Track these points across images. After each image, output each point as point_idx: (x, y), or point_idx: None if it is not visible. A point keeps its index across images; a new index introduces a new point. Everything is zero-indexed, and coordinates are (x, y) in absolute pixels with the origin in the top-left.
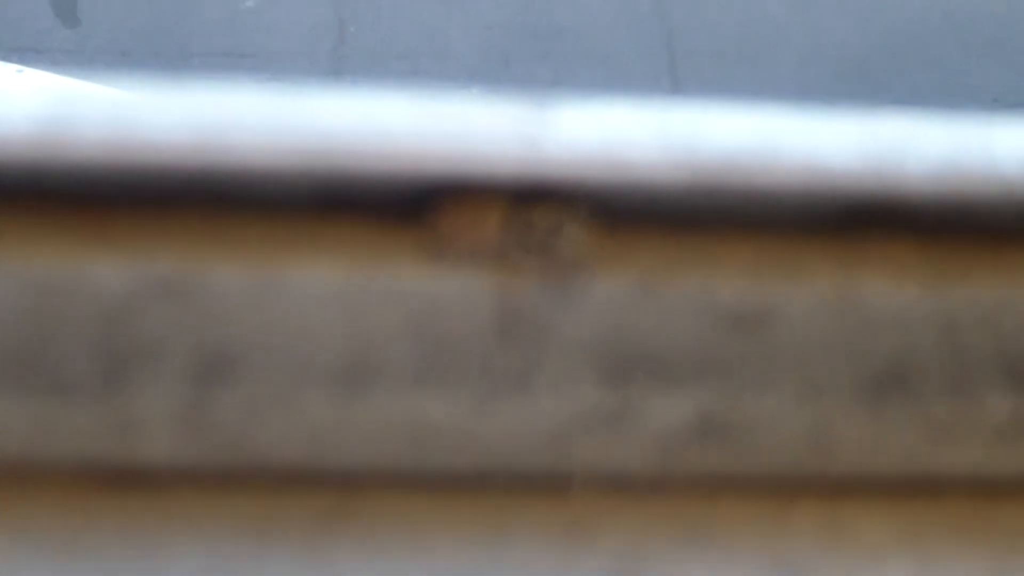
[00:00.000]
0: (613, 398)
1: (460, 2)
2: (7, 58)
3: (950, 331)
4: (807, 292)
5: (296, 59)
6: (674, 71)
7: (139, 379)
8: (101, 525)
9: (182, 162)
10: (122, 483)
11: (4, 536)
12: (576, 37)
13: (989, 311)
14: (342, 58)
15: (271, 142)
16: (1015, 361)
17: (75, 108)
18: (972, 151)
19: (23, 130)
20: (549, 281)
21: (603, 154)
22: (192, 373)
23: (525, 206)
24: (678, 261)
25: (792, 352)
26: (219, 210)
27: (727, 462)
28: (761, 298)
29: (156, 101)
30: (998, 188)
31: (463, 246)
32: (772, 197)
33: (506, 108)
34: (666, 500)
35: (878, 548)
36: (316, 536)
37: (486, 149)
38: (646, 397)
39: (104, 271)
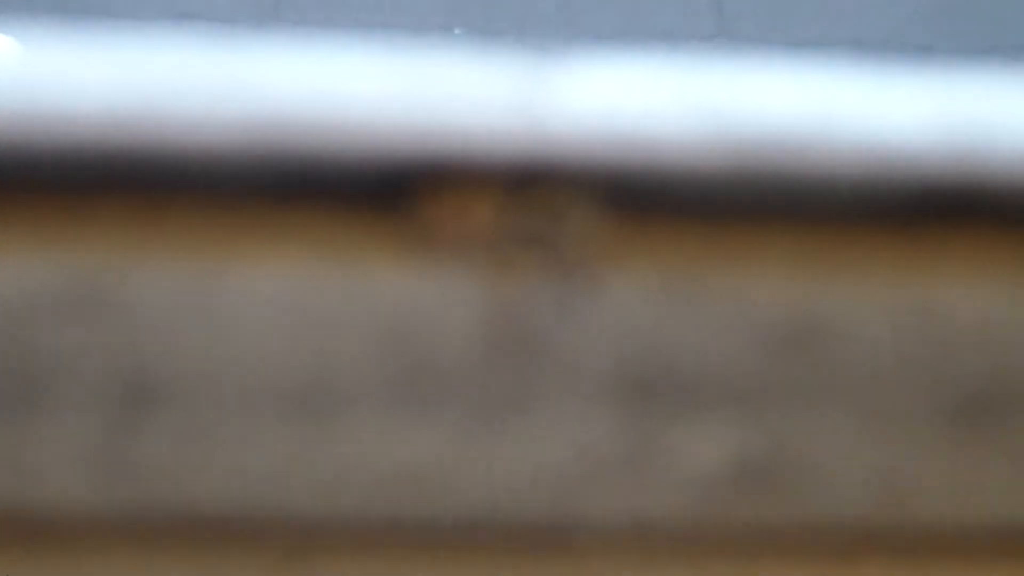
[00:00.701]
0: (631, 431)
1: None
2: None
3: None
4: (873, 300)
5: (237, 8)
6: (720, 6)
7: (44, 408)
8: None
9: (98, 139)
10: (23, 535)
11: None
12: None
13: None
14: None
15: (210, 113)
16: None
17: None
18: None
19: None
20: (553, 284)
21: (620, 126)
22: (111, 400)
23: (523, 191)
24: (712, 261)
25: (854, 374)
26: (145, 198)
27: (772, 513)
28: (815, 307)
29: (65, 62)
30: None
31: (448, 240)
32: (829, 182)
33: (499, 66)
34: (695, 560)
35: None
36: None
37: (475, 119)
38: (671, 430)
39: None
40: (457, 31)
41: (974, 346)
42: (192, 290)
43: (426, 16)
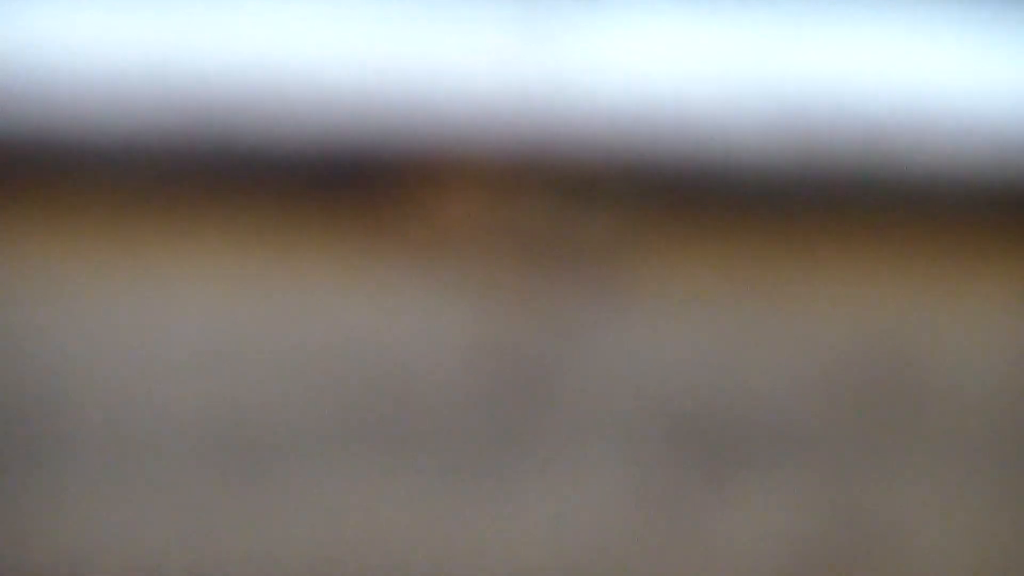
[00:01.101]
0: (666, 494)
1: None
2: None
3: None
4: (981, 326)
5: None
6: None
7: None
8: None
9: None
10: None
11: None
12: None
13: None
14: None
15: (109, 83)
16: None
17: None
18: None
19: None
20: (566, 302)
21: (647, 104)
22: None
23: (524, 185)
24: (769, 274)
25: (954, 423)
26: (20, 189)
27: None
28: (905, 335)
29: None
30: None
31: (425, 246)
32: (923, 172)
33: (492, 26)
34: None
35: None
36: None
37: (461, 93)
38: (719, 494)
39: None
40: None
41: None
42: (79, 310)
43: None
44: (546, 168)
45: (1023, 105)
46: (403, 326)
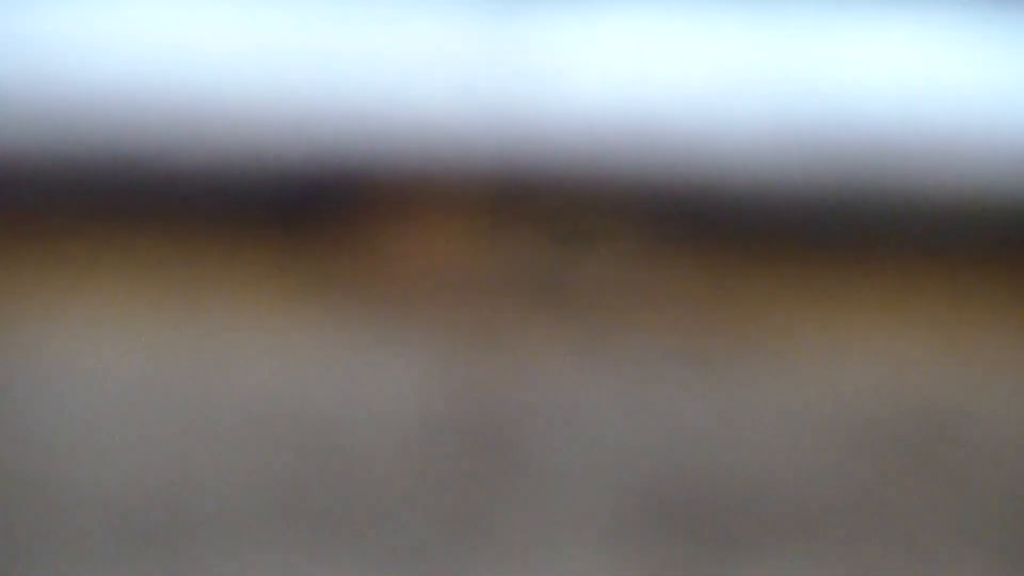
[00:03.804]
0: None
1: None
2: None
3: None
4: (1018, 380)
5: None
6: None
7: None
8: None
9: None
10: None
11: None
12: None
13: None
14: None
15: (34, 117)
16: None
17: None
18: None
19: None
20: (538, 354)
21: (644, 119)
22: None
23: (507, 213)
24: (782, 318)
25: (999, 487)
26: None
27: None
28: (940, 392)
29: None
30: None
31: (379, 285)
32: (957, 200)
33: (468, 25)
34: None
35: None
36: None
37: (431, 108)
38: (719, 570)
39: None
40: None
41: None
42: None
43: None
44: (529, 192)
45: None
46: (347, 385)
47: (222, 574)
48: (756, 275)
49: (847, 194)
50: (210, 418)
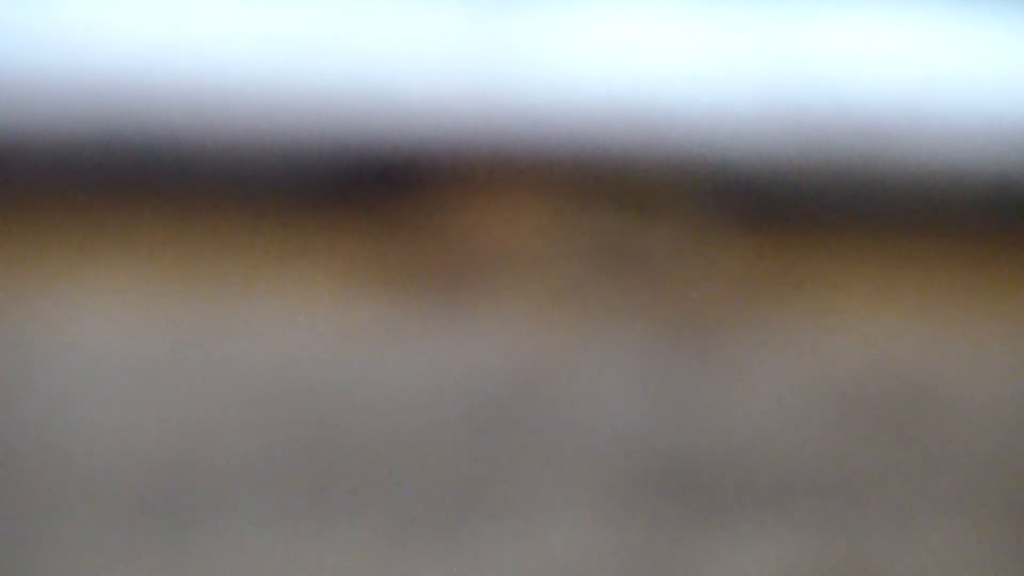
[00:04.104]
0: (653, 537)
1: None
2: None
3: None
4: (998, 351)
5: None
6: None
7: None
8: None
9: None
10: None
11: None
12: None
13: None
14: None
15: (49, 93)
16: None
17: None
18: None
19: None
20: (555, 333)
21: (639, 102)
22: None
23: (562, 189)
24: (771, 293)
25: (967, 461)
26: None
27: None
28: (918, 362)
29: None
30: None
31: (439, 261)
32: (931, 183)
33: (461, 12)
34: None
35: None
36: None
37: (412, 91)
38: (711, 536)
39: None
40: None
41: None
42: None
43: None
44: (527, 171)
45: None
46: (369, 359)
47: (234, 544)
48: (748, 252)
49: (835, 173)
50: (227, 393)
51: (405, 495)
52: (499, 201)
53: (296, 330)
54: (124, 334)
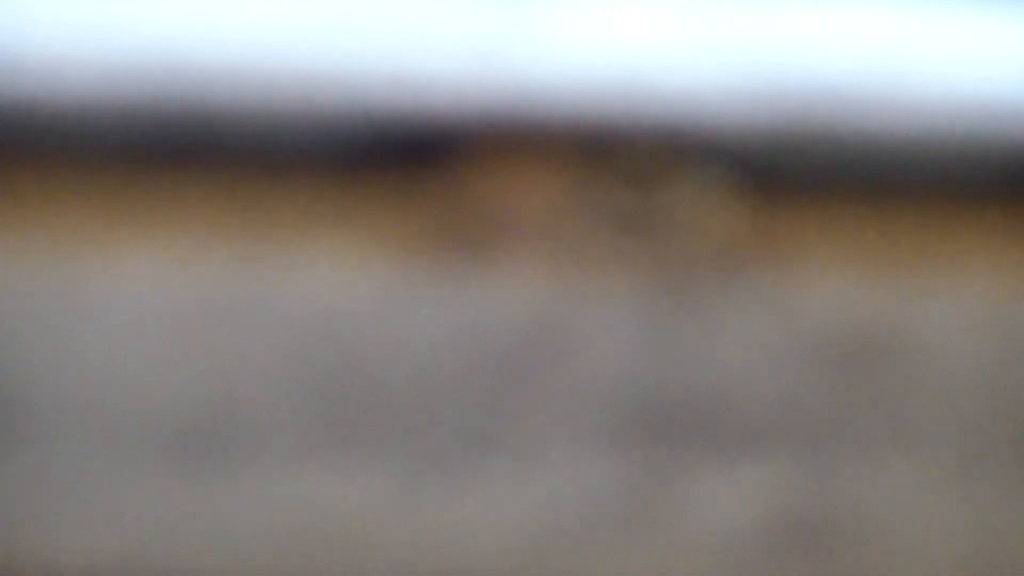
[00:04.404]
0: (636, 475)
1: None
2: None
3: None
4: (957, 305)
5: None
6: None
7: None
8: None
9: None
10: None
11: None
12: None
13: None
14: None
15: (89, 62)
16: None
17: None
18: None
19: None
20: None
21: (628, 82)
22: None
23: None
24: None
25: (933, 404)
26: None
27: None
28: (883, 314)
29: None
30: None
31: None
32: (903, 147)
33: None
34: None
35: None
36: None
37: (434, 65)
38: (689, 475)
39: None
40: None
41: None
42: (52, 287)
43: None
44: (525, 138)
45: (991, 82)
46: (362, 303)
47: (266, 478)
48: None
49: (811, 144)
50: (262, 343)
51: (422, 435)
52: (513, 170)
53: (326, 286)
54: (169, 289)
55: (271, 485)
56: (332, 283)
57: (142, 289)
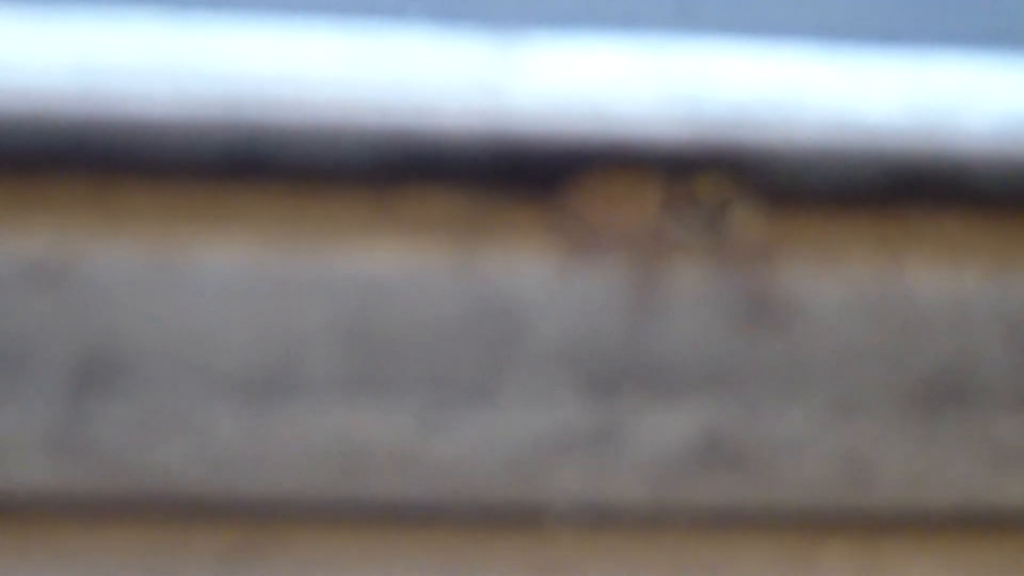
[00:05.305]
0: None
1: None
2: None
3: (1018, 329)
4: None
5: None
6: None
7: (2, 388)
8: None
9: (56, 113)
10: None
11: None
12: None
13: None
14: None
15: (174, 88)
16: None
17: None
18: None
19: None
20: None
21: (582, 104)
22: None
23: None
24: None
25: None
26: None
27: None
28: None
29: (22, 35)
30: None
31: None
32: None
33: (465, 46)
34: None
35: None
36: None
37: (443, 96)
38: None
39: None
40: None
41: (942, 330)
42: (151, 269)
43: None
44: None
45: (866, 113)
46: (385, 278)
47: (311, 415)
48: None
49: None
50: (313, 314)
51: (430, 385)
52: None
53: (362, 269)
54: (239, 272)
55: (319, 419)
56: (366, 267)
57: (219, 272)
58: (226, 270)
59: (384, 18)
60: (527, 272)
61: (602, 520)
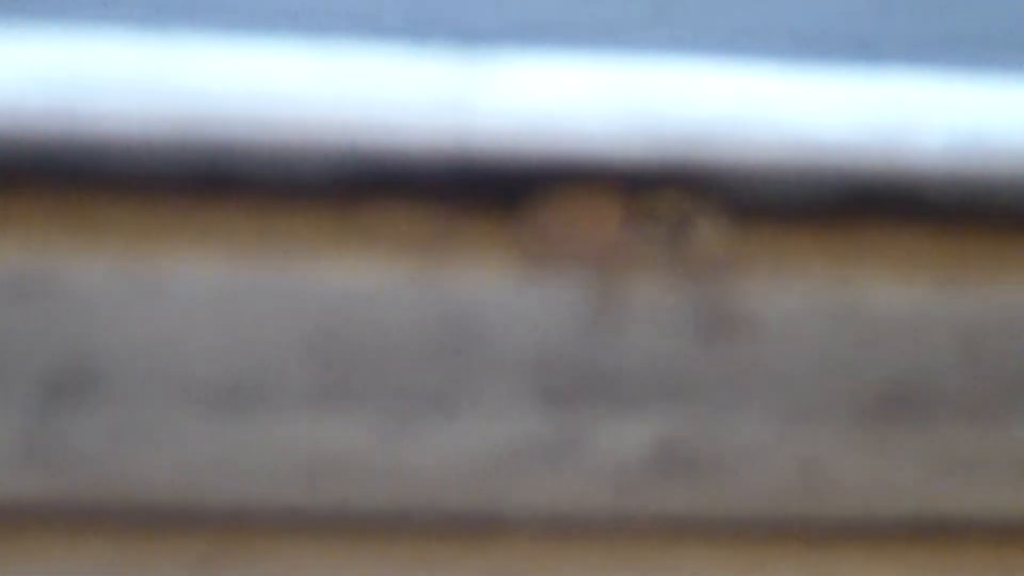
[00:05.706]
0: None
1: None
2: None
3: (969, 341)
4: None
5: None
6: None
7: None
8: None
9: (31, 130)
10: None
11: None
12: None
13: (1018, 317)
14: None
15: (144, 106)
16: None
17: None
18: (1000, 122)
19: None
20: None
21: (544, 121)
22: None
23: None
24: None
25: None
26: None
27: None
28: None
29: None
30: None
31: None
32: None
33: (429, 64)
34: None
35: None
36: None
37: (408, 114)
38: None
39: None
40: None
41: (895, 342)
42: (124, 282)
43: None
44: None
45: (823, 128)
46: (358, 291)
47: (278, 424)
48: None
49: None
50: (282, 326)
51: (395, 396)
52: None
53: (327, 281)
54: (211, 283)
55: (287, 430)
56: (332, 281)
57: (189, 285)
58: (196, 283)
59: (356, 31)
60: (489, 286)
61: (562, 528)
